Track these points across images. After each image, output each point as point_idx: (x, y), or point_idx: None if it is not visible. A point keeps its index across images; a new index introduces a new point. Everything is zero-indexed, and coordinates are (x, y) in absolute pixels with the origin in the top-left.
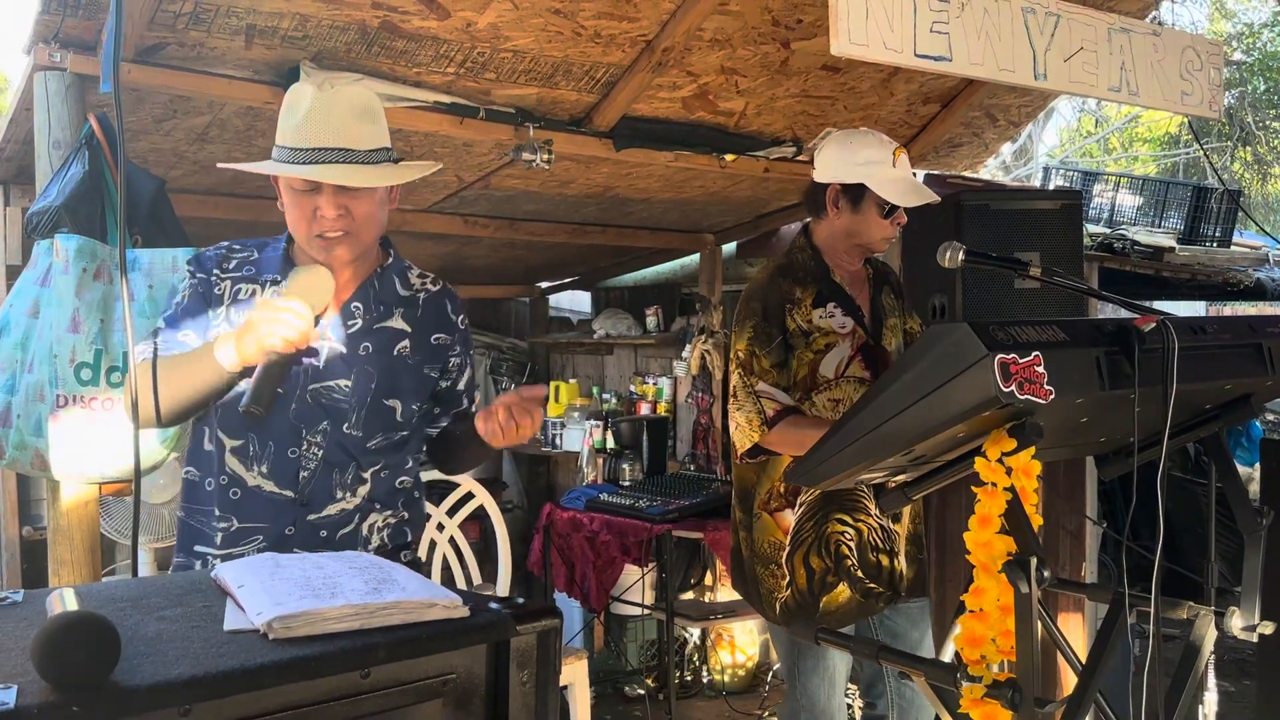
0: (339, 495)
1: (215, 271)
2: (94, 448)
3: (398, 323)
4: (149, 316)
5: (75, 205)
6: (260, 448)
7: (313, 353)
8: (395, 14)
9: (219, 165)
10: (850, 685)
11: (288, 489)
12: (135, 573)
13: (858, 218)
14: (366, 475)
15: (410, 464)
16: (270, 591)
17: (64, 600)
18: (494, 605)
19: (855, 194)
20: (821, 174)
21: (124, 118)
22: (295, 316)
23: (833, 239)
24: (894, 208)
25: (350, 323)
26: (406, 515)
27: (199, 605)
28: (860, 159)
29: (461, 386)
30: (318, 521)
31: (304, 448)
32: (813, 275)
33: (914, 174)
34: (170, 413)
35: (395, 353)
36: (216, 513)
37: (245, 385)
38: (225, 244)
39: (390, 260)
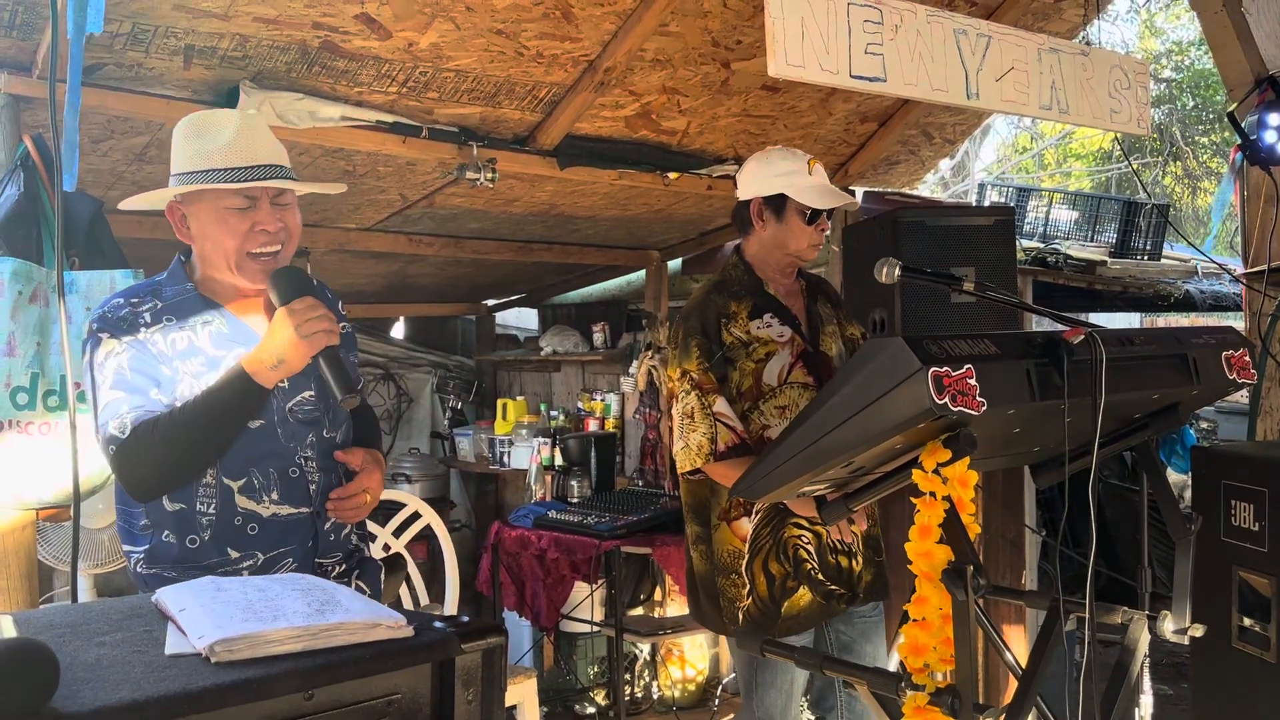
0: None
1: (141, 330)
2: (30, 473)
3: None
4: None
5: (10, 227)
6: (264, 477)
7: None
8: (336, 34)
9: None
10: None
11: (303, 505)
12: (75, 598)
13: (782, 227)
14: (344, 472)
15: None
16: (212, 614)
17: (1, 627)
18: (438, 624)
19: (777, 204)
20: (744, 191)
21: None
22: (319, 307)
23: (763, 252)
24: (816, 214)
25: None
26: None
27: (140, 630)
28: (777, 171)
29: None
30: (329, 529)
31: (303, 464)
32: (747, 289)
33: (853, 190)
34: (200, 465)
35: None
36: (233, 554)
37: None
38: (117, 300)
39: None
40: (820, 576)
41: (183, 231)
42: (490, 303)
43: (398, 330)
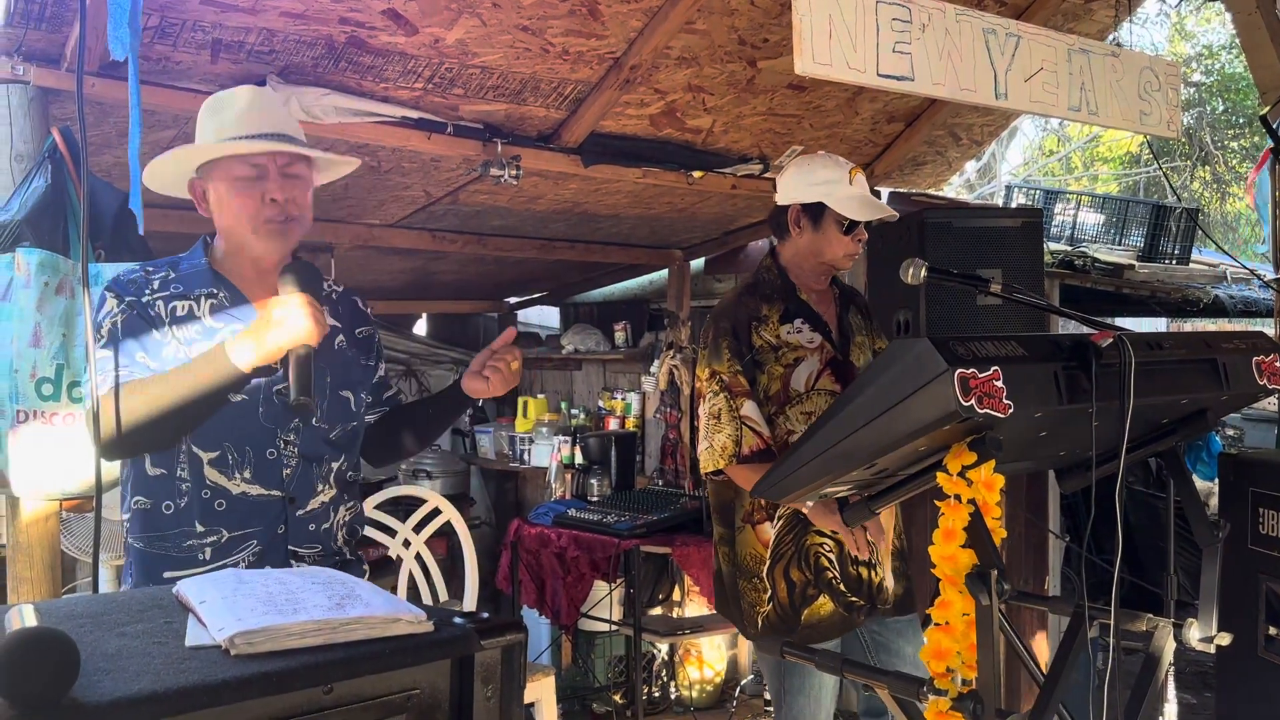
0: (319, 488)
1: (146, 294)
2: (54, 463)
3: (328, 319)
4: None
5: (37, 219)
6: (239, 454)
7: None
8: (363, 29)
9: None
10: (852, 712)
11: (275, 489)
12: (96, 589)
13: (819, 236)
14: (334, 467)
15: (356, 457)
16: (232, 607)
17: (23, 617)
18: (458, 620)
19: (815, 213)
20: (783, 196)
21: (89, 132)
22: (315, 308)
23: (798, 258)
24: (853, 224)
25: None
26: (358, 509)
27: (160, 621)
28: (818, 179)
29: (384, 372)
30: (305, 517)
31: (281, 447)
32: (779, 293)
33: (877, 191)
34: (174, 430)
35: (336, 346)
36: (199, 528)
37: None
38: (136, 266)
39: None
40: (841, 586)
41: (203, 206)
42: (512, 300)
43: (420, 327)
